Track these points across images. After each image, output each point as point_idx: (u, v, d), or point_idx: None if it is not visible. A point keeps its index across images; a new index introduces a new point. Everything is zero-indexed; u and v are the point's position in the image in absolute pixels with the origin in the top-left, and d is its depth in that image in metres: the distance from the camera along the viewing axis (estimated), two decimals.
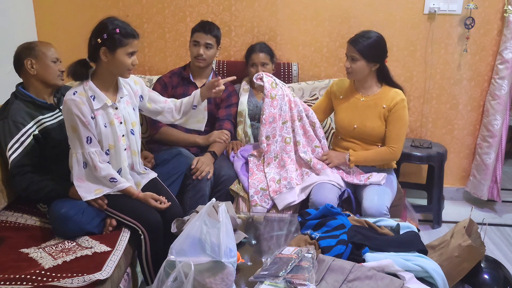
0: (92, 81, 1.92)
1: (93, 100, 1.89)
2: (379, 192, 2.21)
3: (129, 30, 1.88)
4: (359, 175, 2.35)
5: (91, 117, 1.88)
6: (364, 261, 1.65)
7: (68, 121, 1.88)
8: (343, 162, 2.37)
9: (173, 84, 2.62)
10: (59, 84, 2.13)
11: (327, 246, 1.72)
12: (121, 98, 1.99)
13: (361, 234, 1.77)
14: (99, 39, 1.85)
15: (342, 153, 2.39)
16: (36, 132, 2.00)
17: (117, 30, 1.85)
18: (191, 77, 2.61)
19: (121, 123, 1.99)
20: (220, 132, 2.53)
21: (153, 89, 2.59)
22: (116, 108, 1.97)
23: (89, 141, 1.88)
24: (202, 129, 2.33)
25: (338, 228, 1.82)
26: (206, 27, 2.53)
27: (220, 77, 2.31)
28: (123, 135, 2.00)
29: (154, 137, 2.59)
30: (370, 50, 2.25)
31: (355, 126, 2.35)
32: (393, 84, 2.37)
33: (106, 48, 1.86)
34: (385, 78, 2.37)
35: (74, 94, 1.87)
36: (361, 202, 2.23)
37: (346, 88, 2.44)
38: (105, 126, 1.93)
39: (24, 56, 2.04)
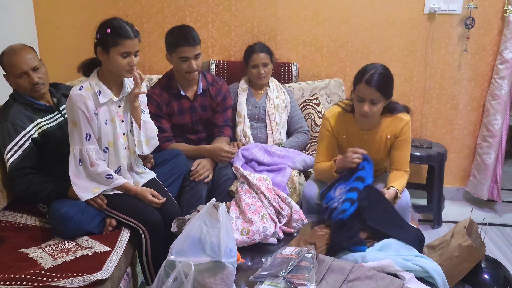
0: (98, 77, 1.94)
1: (99, 95, 1.91)
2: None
3: (121, 31, 1.86)
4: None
5: (94, 113, 1.89)
6: (361, 244, 1.68)
7: (70, 116, 1.88)
8: (392, 196, 1.99)
9: (165, 101, 2.44)
10: (38, 95, 2.04)
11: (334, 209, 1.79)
12: (123, 96, 2.00)
13: (369, 201, 1.77)
14: (95, 38, 1.90)
15: (390, 190, 2.01)
16: (36, 135, 1.99)
17: (108, 30, 1.86)
18: (182, 92, 2.46)
19: (122, 121, 2.00)
20: (225, 153, 2.40)
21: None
22: (119, 106, 1.98)
23: (88, 138, 1.89)
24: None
25: (358, 180, 1.88)
26: (190, 39, 2.31)
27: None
28: (124, 134, 2.01)
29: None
30: (388, 87, 2.00)
31: None
32: (398, 110, 2.13)
33: (101, 48, 1.89)
34: (389, 108, 2.12)
35: (80, 89, 1.88)
36: None
37: (346, 124, 2.18)
38: (106, 123, 1.94)
39: (2, 68, 2.01)
